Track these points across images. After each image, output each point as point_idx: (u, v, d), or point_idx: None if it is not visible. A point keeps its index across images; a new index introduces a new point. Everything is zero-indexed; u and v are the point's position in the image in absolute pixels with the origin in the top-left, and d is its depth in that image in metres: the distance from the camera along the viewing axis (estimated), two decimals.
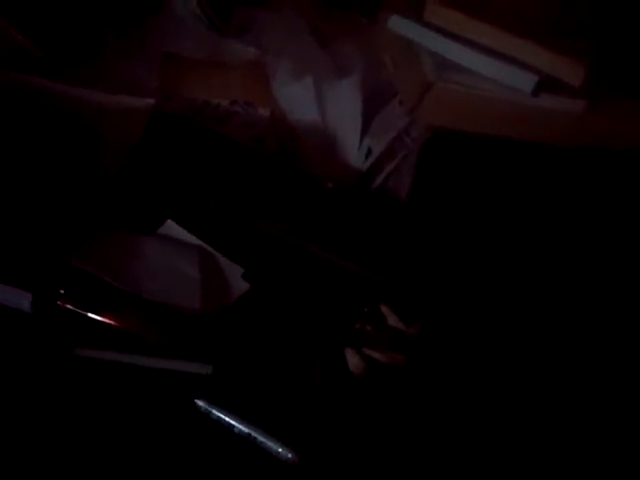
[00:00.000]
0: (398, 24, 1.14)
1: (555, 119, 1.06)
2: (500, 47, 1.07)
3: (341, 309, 0.93)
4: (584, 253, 1.03)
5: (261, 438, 0.78)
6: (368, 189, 1.13)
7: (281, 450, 0.77)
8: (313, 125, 1.17)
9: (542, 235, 1.04)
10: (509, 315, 0.95)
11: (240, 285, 0.94)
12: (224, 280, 0.94)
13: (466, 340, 0.91)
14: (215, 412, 0.80)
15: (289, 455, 0.77)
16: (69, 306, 0.86)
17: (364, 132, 1.15)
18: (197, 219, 1.00)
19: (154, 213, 0.99)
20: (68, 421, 0.77)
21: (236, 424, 0.79)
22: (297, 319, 0.91)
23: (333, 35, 1.27)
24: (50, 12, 1.16)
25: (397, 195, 1.12)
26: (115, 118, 1.06)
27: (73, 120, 1.04)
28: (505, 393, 0.88)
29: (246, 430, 0.79)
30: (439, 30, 1.10)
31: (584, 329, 0.95)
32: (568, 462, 0.83)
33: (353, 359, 0.86)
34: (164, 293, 0.90)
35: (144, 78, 1.16)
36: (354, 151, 1.15)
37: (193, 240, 0.98)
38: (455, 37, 1.09)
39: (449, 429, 0.83)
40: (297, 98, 1.18)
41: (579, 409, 0.88)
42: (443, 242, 1.04)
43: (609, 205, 1.06)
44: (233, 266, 0.96)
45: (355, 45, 1.25)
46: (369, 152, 1.14)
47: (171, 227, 0.98)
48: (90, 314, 0.86)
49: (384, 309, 0.91)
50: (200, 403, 0.80)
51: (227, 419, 0.79)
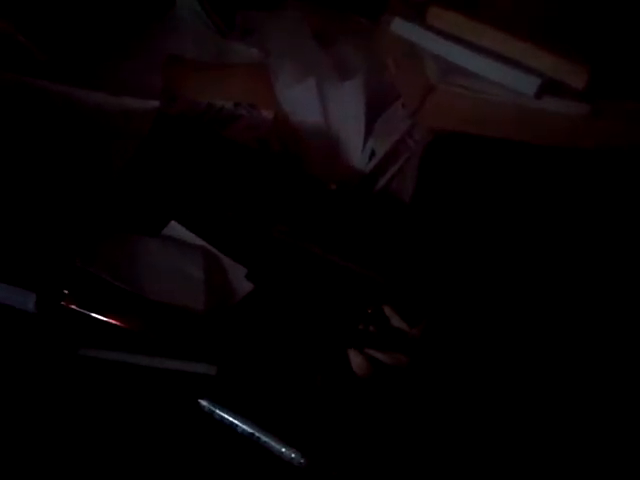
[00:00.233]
0: (401, 27, 1.14)
1: (558, 122, 1.06)
2: (503, 50, 1.07)
3: (344, 310, 0.93)
4: (587, 255, 1.03)
5: (264, 438, 0.78)
6: (371, 191, 1.13)
7: (285, 450, 0.77)
8: (316, 127, 1.17)
9: (545, 237, 1.04)
10: (512, 316, 0.95)
11: (244, 286, 0.94)
12: (228, 281, 0.94)
13: (469, 341, 0.91)
14: (218, 412, 0.80)
15: (293, 455, 0.77)
16: (73, 306, 0.86)
17: (367, 134, 1.15)
18: (201, 220, 1.00)
19: (158, 214, 0.99)
20: (72, 421, 0.77)
21: (239, 424, 0.79)
22: (300, 320, 0.91)
23: (336, 37, 1.27)
24: (54, 15, 1.17)
25: (400, 197, 1.12)
26: (119, 120, 1.06)
27: (77, 122, 1.04)
28: (508, 394, 0.88)
29: (249, 430, 0.79)
30: (442, 33, 1.10)
31: (586, 330, 0.95)
32: (568, 462, 0.83)
33: (356, 360, 0.86)
34: (168, 294, 0.90)
35: (148, 80, 1.17)
36: (357, 153, 1.15)
37: (197, 241, 0.98)
38: (458, 40, 1.09)
39: (452, 430, 0.83)
40: (300, 100, 1.18)
41: (580, 409, 0.88)
42: (446, 244, 1.03)
43: (612, 207, 1.06)
44: (237, 267, 0.96)
45: (358, 48, 1.25)
46: (372, 154, 1.14)
47: (175, 228, 0.98)
48: (94, 314, 0.86)
49: (387, 310, 0.91)
50: (204, 403, 0.80)
51: (230, 419, 0.79)
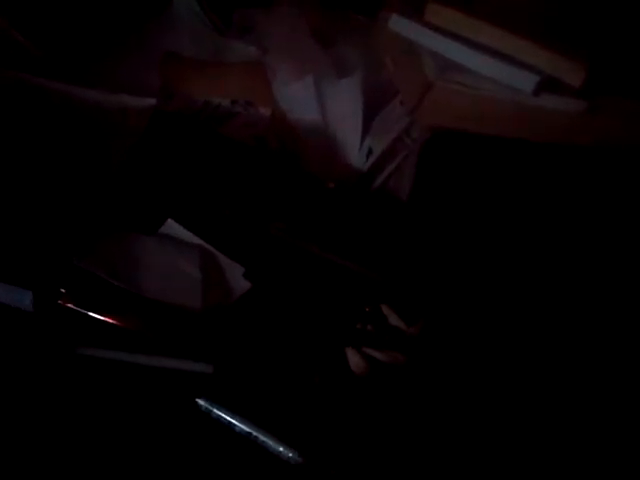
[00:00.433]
0: (399, 24, 1.14)
1: (556, 119, 1.06)
2: (501, 47, 1.07)
3: (342, 309, 0.93)
4: (584, 252, 1.03)
5: (262, 437, 0.78)
6: (369, 189, 1.13)
7: (282, 449, 0.77)
8: (314, 125, 1.17)
9: (542, 234, 1.04)
10: (509, 314, 0.95)
11: (241, 284, 0.94)
12: (225, 279, 0.94)
13: (467, 339, 0.91)
14: (216, 411, 0.80)
15: (290, 454, 0.77)
16: (70, 305, 0.86)
17: (365, 132, 1.15)
18: (198, 218, 1.00)
19: (155, 212, 0.99)
20: (70, 419, 0.77)
21: (237, 423, 0.79)
22: (298, 318, 0.91)
23: (334, 35, 1.27)
24: (51, 12, 1.16)
25: (398, 195, 1.12)
26: (116, 117, 1.06)
27: (74, 119, 1.04)
28: (505, 392, 0.88)
29: (247, 429, 0.79)
30: (440, 30, 1.10)
31: (584, 328, 0.95)
32: (568, 462, 0.84)
33: (354, 358, 0.86)
34: (165, 292, 0.90)
35: (145, 78, 1.16)
36: (355, 151, 1.15)
37: (194, 239, 0.98)
38: (456, 37, 1.09)
39: (449, 428, 0.84)
40: (298, 98, 1.17)
41: (579, 408, 0.88)
42: (444, 242, 1.04)
43: (609, 204, 1.06)
44: (234, 265, 0.96)
45: (355, 45, 1.24)
46: (370, 152, 1.14)
47: (172, 226, 0.98)
48: (91, 313, 0.86)
49: (385, 309, 0.91)
50: (201, 402, 0.80)
51: (228, 418, 0.79)
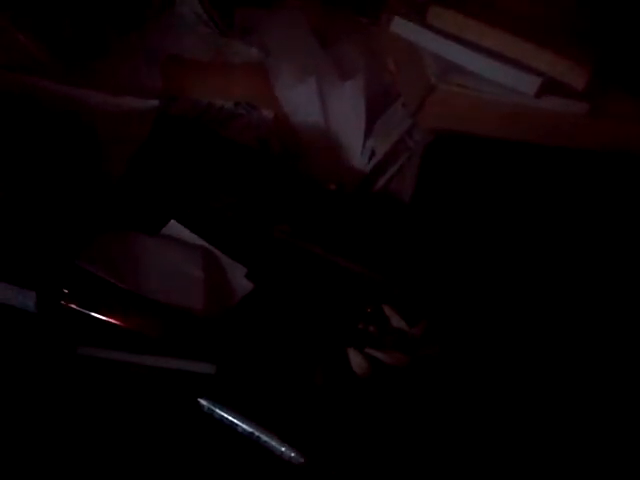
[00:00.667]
0: (401, 26, 1.14)
1: (558, 121, 1.06)
2: (503, 49, 1.07)
3: (344, 310, 0.93)
4: (588, 254, 1.03)
5: (264, 437, 0.78)
6: (371, 191, 1.14)
7: (284, 449, 0.77)
8: (316, 127, 1.17)
9: (545, 237, 1.04)
10: (512, 316, 0.95)
11: (244, 285, 0.94)
12: (228, 280, 0.94)
13: (469, 340, 0.91)
14: (218, 411, 0.80)
15: (292, 454, 0.77)
16: (73, 305, 0.86)
17: (367, 134, 1.15)
18: (201, 220, 1.00)
19: (158, 213, 0.99)
20: (72, 420, 0.77)
21: (239, 423, 0.79)
22: (300, 319, 0.91)
23: (336, 37, 1.27)
24: (53, 13, 1.16)
25: (400, 197, 1.12)
26: (119, 120, 1.06)
27: (77, 121, 1.04)
28: (508, 393, 0.88)
29: (249, 429, 0.79)
30: (442, 32, 1.10)
31: (586, 329, 0.95)
32: (568, 462, 0.83)
33: (356, 359, 0.86)
34: (167, 293, 0.90)
35: (147, 80, 1.16)
36: (357, 153, 1.15)
37: (196, 240, 0.98)
38: (458, 39, 1.09)
39: (451, 429, 0.83)
40: (300, 100, 1.18)
41: (580, 409, 0.88)
42: (446, 244, 1.04)
43: (612, 207, 1.06)
44: (236, 266, 0.96)
45: (358, 47, 1.24)
46: (372, 154, 1.14)
47: (175, 227, 0.98)
48: (94, 313, 0.86)
49: (387, 310, 0.91)
50: (203, 402, 0.80)
51: (230, 418, 0.79)
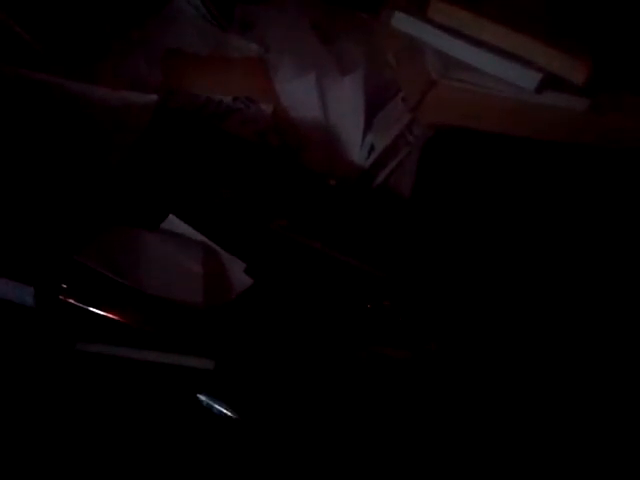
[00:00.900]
0: (401, 21, 1.14)
1: (558, 116, 1.06)
2: (504, 44, 1.07)
3: (344, 305, 0.93)
4: (588, 250, 1.03)
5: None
6: (371, 186, 1.13)
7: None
8: (316, 122, 1.16)
9: (545, 232, 1.04)
10: (511, 311, 0.95)
11: (243, 280, 0.94)
12: (226, 275, 0.94)
13: (469, 337, 0.91)
14: (217, 407, 0.80)
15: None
16: (71, 300, 0.86)
17: (367, 129, 1.15)
18: (200, 214, 1.00)
19: (157, 208, 0.99)
20: (71, 415, 0.77)
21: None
22: (299, 314, 0.91)
23: (336, 32, 1.27)
24: (52, 7, 1.16)
25: (400, 192, 1.12)
26: (118, 113, 1.06)
27: (76, 115, 1.04)
28: (510, 393, 0.88)
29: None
30: (442, 27, 1.10)
31: (586, 327, 0.95)
32: (568, 460, 0.84)
33: (356, 355, 0.86)
34: (166, 288, 0.90)
35: (147, 74, 1.17)
36: (357, 148, 1.15)
37: (196, 235, 0.97)
38: (459, 34, 1.09)
39: (455, 428, 0.84)
40: (300, 94, 1.17)
41: (580, 405, 0.88)
42: (446, 239, 1.04)
43: (612, 202, 1.06)
44: (236, 261, 0.96)
45: (358, 42, 1.24)
46: (372, 149, 1.14)
47: (174, 222, 0.98)
48: (92, 309, 0.86)
49: (387, 305, 0.91)
50: (202, 398, 0.80)
51: (229, 413, 0.79)
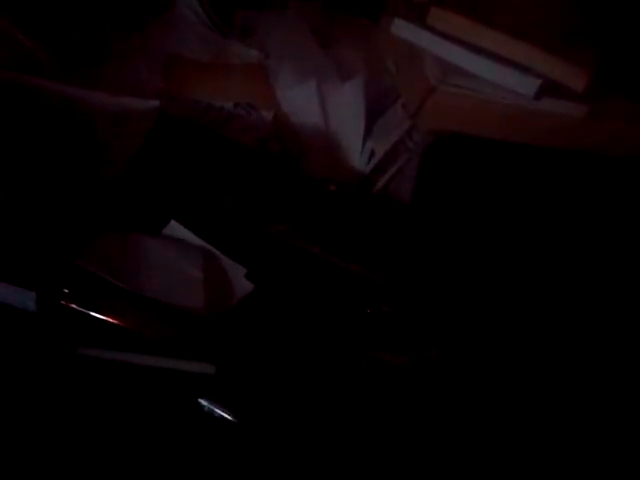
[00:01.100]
0: (401, 28, 1.14)
1: (557, 123, 1.06)
2: (503, 51, 1.07)
3: (344, 310, 0.93)
4: (587, 255, 1.03)
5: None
6: (371, 192, 1.14)
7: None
8: (316, 128, 1.17)
9: (544, 238, 1.05)
10: (510, 317, 0.95)
11: (243, 286, 0.94)
12: (227, 281, 0.95)
13: (470, 343, 0.92)
14: (218, 411, 0.80)
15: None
16: (73, 305, 0.87)
17: (367, 135, 1.15)
18: (201, 220, 1.00)
19: (158, 214, 0.99)
20: (72, 419, 0.77)
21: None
22: (300, 320, 0.91)
23: (336, 38, 1.27)
24: (54, 13, 1.16)
25: (400, 198, 1.12)
26: (119, 120, 1.06)
27: (77, 121, 1.04)
28: (510, 399, 0.88)
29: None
30: (442, 34, 1.10)
31: (586, 330, 0.95)
32: (568, 461, 0.84)
33: (356, 360, 0.87)
34: (168, 293, 0.90)
35: (148, 80, 1.17)
36: (357, 154, 1.15)
37: (197, 241, 0.98)
38: (458, 41, 1.09)
39: (454, 431, 0.84)
40: (300, 101, 1.18)
41: (580, 407, 0.88)
42: (446, 244, 1.04)
43: (611, 209, 1.06)
44: (236, 267, 0.96)
45: (358, 49, 1.25)
46: (372, 155, 1.14)
47: (175, 228, 0.98)
48: (94, 313, 0.86)
49: (387, 310, 0.92)
50: (203, 402, 0.80)
51: (230, 418, 0.80)
